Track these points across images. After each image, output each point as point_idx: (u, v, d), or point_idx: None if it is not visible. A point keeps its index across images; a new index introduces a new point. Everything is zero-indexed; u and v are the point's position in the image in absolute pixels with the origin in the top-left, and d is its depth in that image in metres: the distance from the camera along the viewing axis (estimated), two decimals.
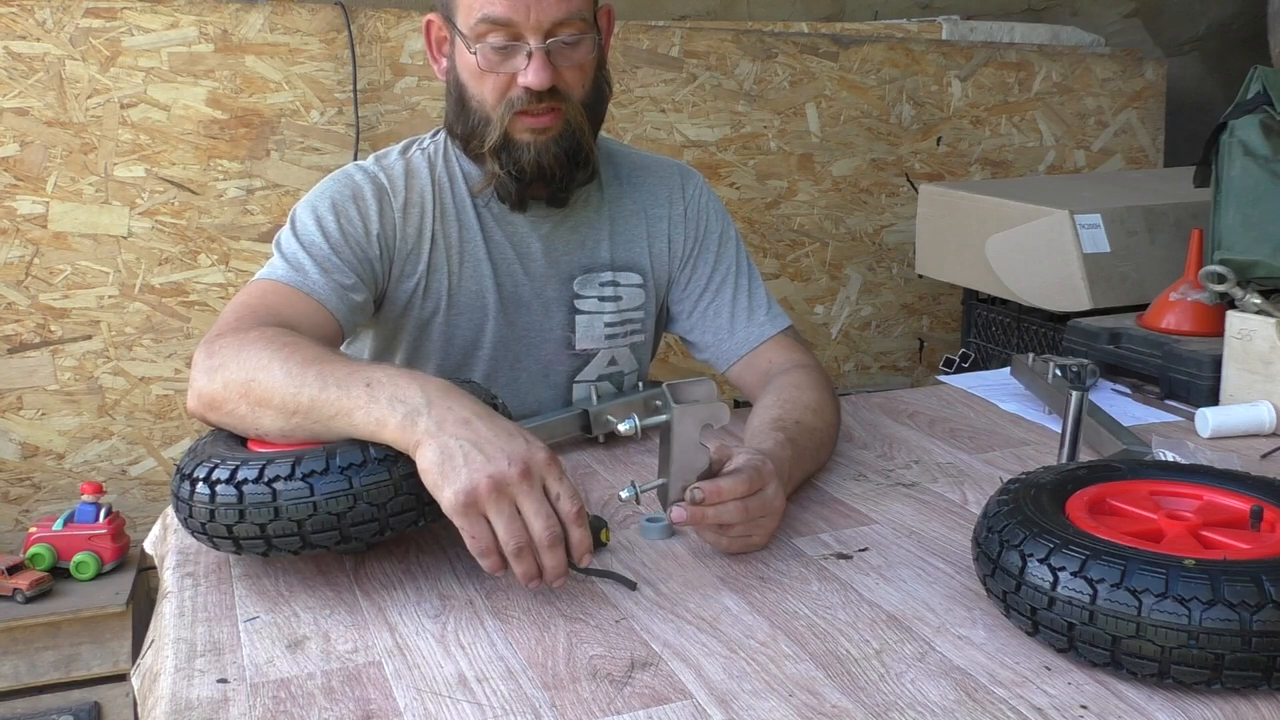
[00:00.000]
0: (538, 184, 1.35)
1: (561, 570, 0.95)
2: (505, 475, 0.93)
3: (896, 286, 2.99)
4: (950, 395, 1.65)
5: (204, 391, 1.09)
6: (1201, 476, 1.03)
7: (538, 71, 1.26)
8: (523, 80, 1.28)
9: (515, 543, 0.93)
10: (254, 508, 0.96)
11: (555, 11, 1.26)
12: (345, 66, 2.43)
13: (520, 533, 0.93)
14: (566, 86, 1.30)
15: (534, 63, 1.27)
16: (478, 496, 0.92)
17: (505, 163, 1.32)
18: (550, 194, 1.37)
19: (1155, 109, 3.12)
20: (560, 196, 1.38)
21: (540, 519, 0.94)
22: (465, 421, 0.95)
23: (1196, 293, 1.69)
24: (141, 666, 1.01)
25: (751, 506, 1.05)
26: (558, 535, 0.94)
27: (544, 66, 1.27)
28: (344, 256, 1.31)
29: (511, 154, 1.32)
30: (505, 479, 0.93)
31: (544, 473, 0.95)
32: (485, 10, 1.26)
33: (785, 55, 2.78)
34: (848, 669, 0.87)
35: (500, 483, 0.93)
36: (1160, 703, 0.82)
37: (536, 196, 1.38)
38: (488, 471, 0.92)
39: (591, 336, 1.46)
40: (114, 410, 2.39)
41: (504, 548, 0.93)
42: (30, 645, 2.11)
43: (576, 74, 1.31)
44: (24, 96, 2.27)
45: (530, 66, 1.27)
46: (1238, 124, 1.65)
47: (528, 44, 1.26)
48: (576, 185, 1.39)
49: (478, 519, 0.93)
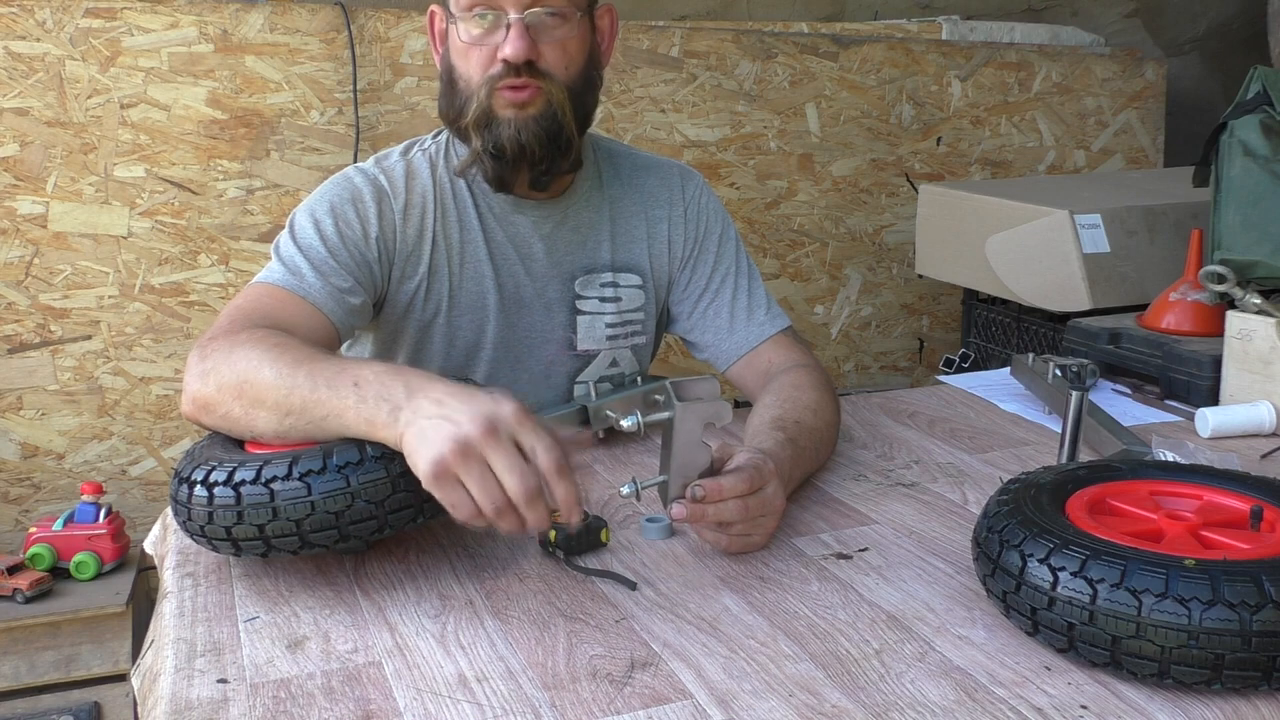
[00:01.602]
0: (519, 163, 1.33)
1: (545, 523, 0.93)
2: (469, 437, 0.91)
3: (896, 286, 2.99)
4: (950, 395, 1.65)
5: (197, 395, 1.09)
6: (1201, 476, 1.03)
7: (514, 42, 1.27)
8: (500, 53, 1.28)
9: (492, 504, 0.91)
10: (252, 509, 0.96)
11: None
12: (345, 66, 2.43)
13: (494, 491, 0.91)
14: (547, 64, 1.30)
15: (511, 34, 1.27)
16: (446, 463, 0.91)
17: (486, 139, 1.32)
18: (532, 177, 1.36)
19: (1155, 109, 3.12)
20: (542, 180, 1.37)
21: (513, 475, 0.91)
22: (438, 402, 0.95)
23: (1196, 293, 1.69)
24: (141, 666, 1.01)
25: (751, 505, 1.05)
26: (533, 488, 0.92)
27: (520, 36, 1.27)
28: (341, 260, 1.31)
29: (492, 130, 1.31)
30: (470, 440, 0.91)
31: (514, 428, 0.93)
32: None
33: (785, 55, 2.78)
34: (848, 669, 0.87)
35: (465, 445, 0.91)
36: (1160, 703, 0.82)
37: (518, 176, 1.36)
38: (452, 436, 0.91)
39: (593, 337, 1.46)
40: (114, 410, 2.39)
41: (483, 510, 0.92)
42: (30, 645, 2.11)
43: (558, 53, 1.31)
44: (24, 96, 2.27)
45: (508, 38, 1.27)
46: (1238, 124, 1.65)
47: (508, 16, 1.27)
48: (560, 172, 1.38)
49: (453, 486, 0.92)
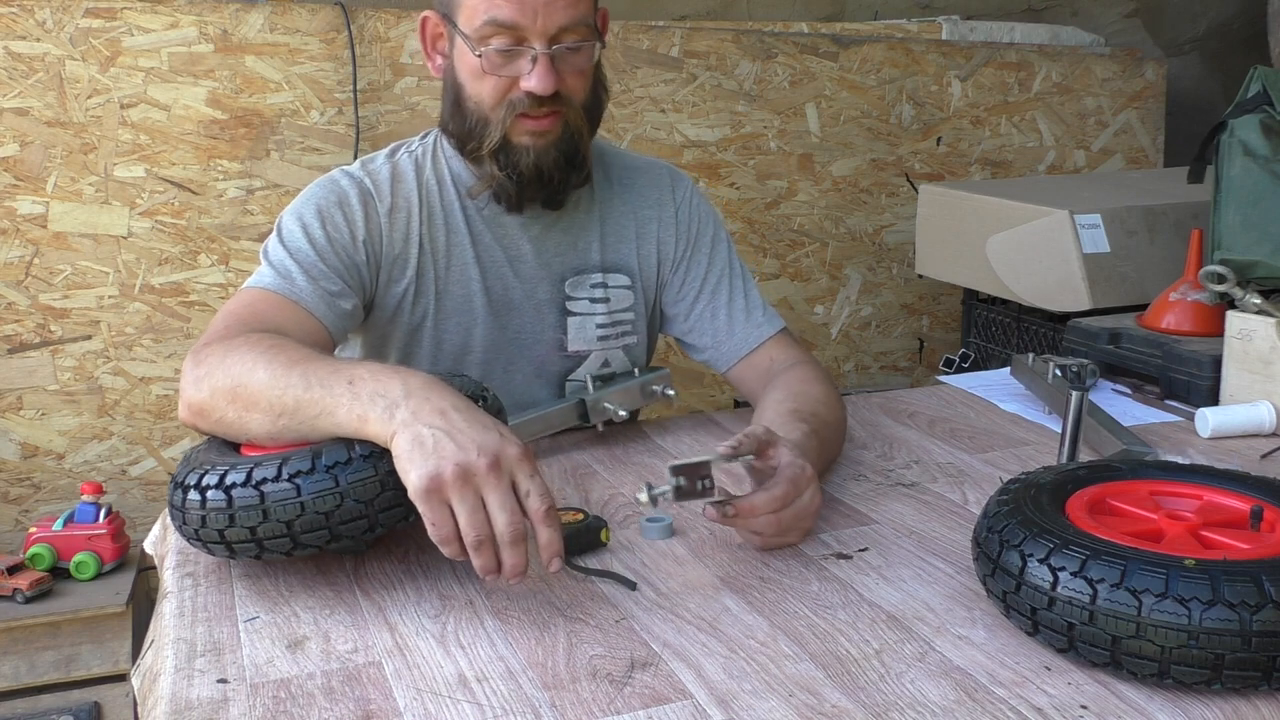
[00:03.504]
0: (534, 186, 1.34)
1: (521, 568, 0.93)
2: (473, 465, 0.91)
3: (896, 286, 2.99)
4: (950, 395, 1.65)
5: (193, 400, 1.10)
6: (1201, 476, 1.03)
7: (542, 77, 1.26)
8: (526, 85, 1.27)
9: (476, 534, 0.92)
10: (243, 511, 0.96)
11: (561, 17, 1.26)
12: (345, 66, 2.43)
13: (482, 524, 0.92)
14: (568, 91, 1.30)
15: (539, 68, 1.26)
16: (442, 482, 0.91)
17: (504, 165, 1.32)
18: (546, 196, 1.37)
19: (1155, 109, 3.12)
20: (556, 199, 1.38)
21: (505, 513, 0.92)
22: (441, 412, 0.95)
23: (1196, 293, 1.69)
24: (141, 666, 1.01)
25: (785, 518, 1.05)
26: (520, 532, 0.92)
27: (549, 72, 1.26)
28: (330, 264, 1.31)
29: (510, 157, 1.32)
30: (472, 468, 0.91)
31: (515, 468, 0.94)
32: (491, 13, 1.25)
33: (785, 55, 2.78)
34: (848, 669, 0.87)
35: (466, 471, 0.91)
36: (1160, 703, 0.82)
37: (532, 199, 1.38)
38: (455, 459, 0.91)
39: (584, 338, 1.46)
40: (114, 410, 2.39)
41: (465, 538, 0.92)
42: (30, 645, 2.11)
43: (578, 79, 1.32)
44: (24, 96, 2.27)
45: (535, 72, 1.26)
46: (1238, 124, 1.65)
47: (533, 48, 1.26)
48: (571, 188, 1.39)
49: (440, 505, 0.92)
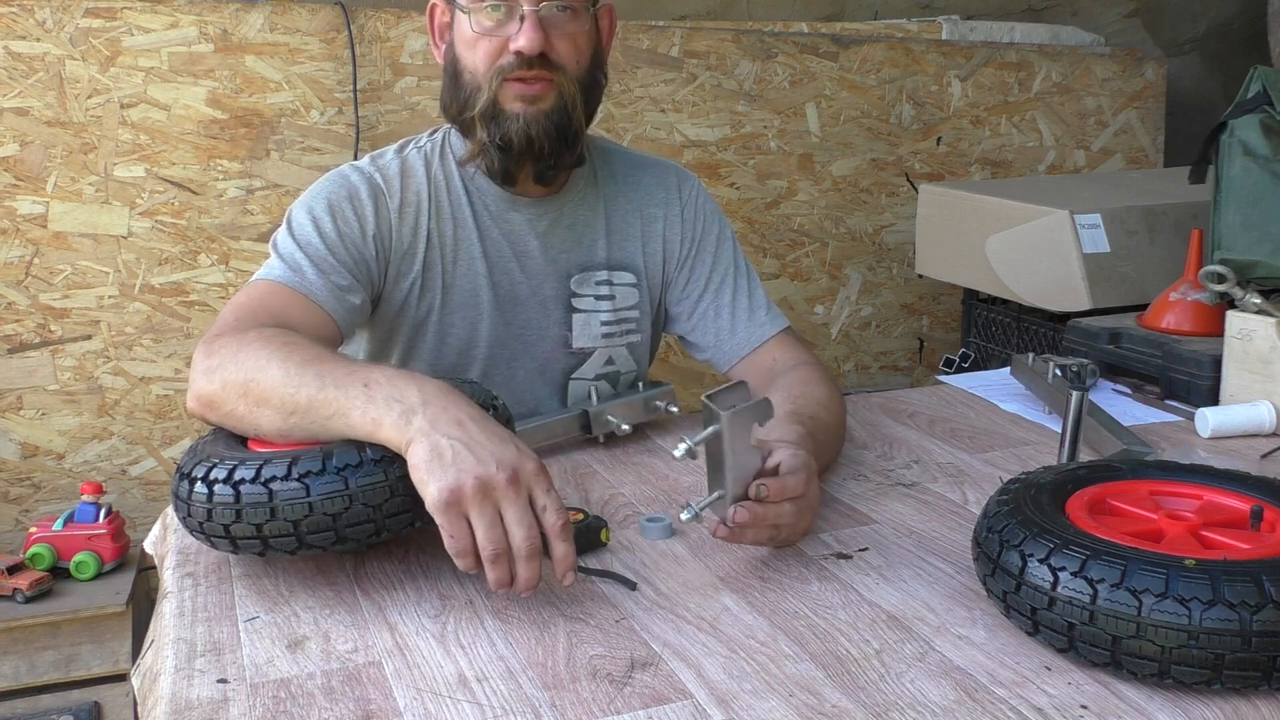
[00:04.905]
0: (525, 158, 1.34)
1: (535, 582, 0.94)
2: (492, 479, 0.92)
3: (896, 286, 2.99)
4: (950, 395, 1.65)
5: (203, 392, 1.10)
6: (1201, 476, 1.03)
7: (528, 34, 1.27)
8: (514, 44, 1.28)
9: (493, 547, 0.92)
10: (250, 508, 0.96)
11: None
12: (345, 66, 2.43)
13: (500, 538, 0.92)
14: (559, 58, 1.30)
15: (525, 25, 1.27)
16: (462, 495, 0.91)
17: (492, 132, 1.32)
18: (538, 171, 1.37)
19: (1155, 109, 3.12)
20: (548, 174, 1.37)
21: (522, 528, 0.92)
22: (459, 422, 0.95)
23: (1196, 293, 1.69)
24: (141, 666, 1.01)
25: (802, 506, 1.05)
26: (537, 547, 0.93)
27: (535, 29, 1.27)
28: (340, 258, 1.31)
29: (500, 123, 1.31)
30: (491, 482, 0.92)
31: (532, 483, 0.94)
32: None
33: (785, 55, 2.78)
34: (848, 669, 0.87)
35: (486, 485, 0.92)
36: (1160, 703, 0.82)
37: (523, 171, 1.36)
38: (475, 472, 0.92)
39: (588, 335, 1.46)
40: (114, 410, 2.39)
41: (481, 551, 0.92)
42: (30, 645, 2.11)
43: (569, 46, 1.31)
44: (24, 96, 2.27)
45: (522, 30, 1.27)
46: (1238, 124, 1.65)
47: (521, 8, 1.27)
48: (564, 166, 1.38)
49: (459, 518, 0.92)
